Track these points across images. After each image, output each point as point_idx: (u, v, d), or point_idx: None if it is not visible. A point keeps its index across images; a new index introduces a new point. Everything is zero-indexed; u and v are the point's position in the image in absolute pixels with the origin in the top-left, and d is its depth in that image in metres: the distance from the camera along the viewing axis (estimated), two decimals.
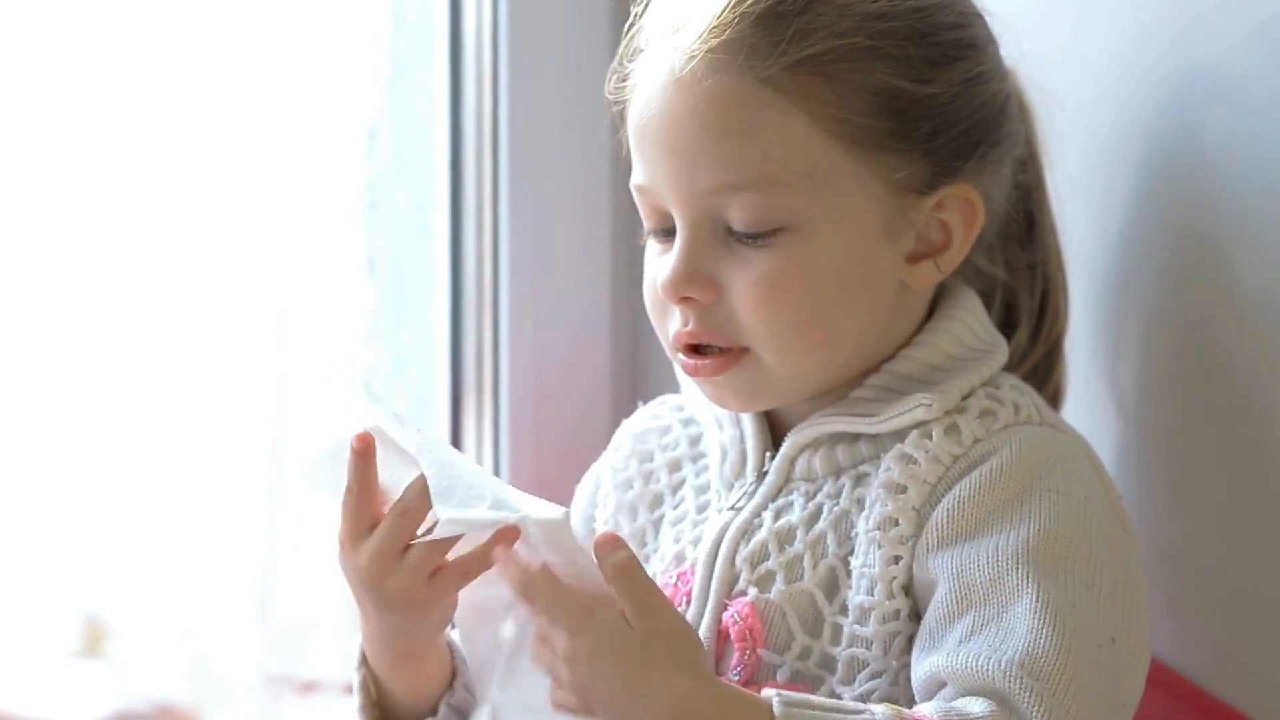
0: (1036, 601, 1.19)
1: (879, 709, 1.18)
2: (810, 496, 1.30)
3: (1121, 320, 1.46)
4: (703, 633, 1.30)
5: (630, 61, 1.33)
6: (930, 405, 1.27)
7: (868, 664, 1.25)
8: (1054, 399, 1.39)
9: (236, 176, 2.00)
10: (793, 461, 1.32)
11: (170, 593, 2.03)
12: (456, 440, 1.88)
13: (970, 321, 1.32)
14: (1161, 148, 1.40)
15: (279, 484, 2.02)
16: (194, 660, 2.04)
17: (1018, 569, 1.21)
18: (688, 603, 1.31)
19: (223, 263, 2.01)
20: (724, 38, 1.25)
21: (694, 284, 1.28)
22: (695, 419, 1.40)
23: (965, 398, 1.29)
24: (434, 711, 1.35)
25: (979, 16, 1.32)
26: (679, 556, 1.34)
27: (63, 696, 2.02)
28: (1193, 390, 1.39)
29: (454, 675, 1.36)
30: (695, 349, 1.30)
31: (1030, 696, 1.17)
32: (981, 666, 1.18)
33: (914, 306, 1.33)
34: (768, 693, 1.18)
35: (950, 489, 1.25)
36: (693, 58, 1.26)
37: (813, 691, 1.26)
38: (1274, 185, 1.30)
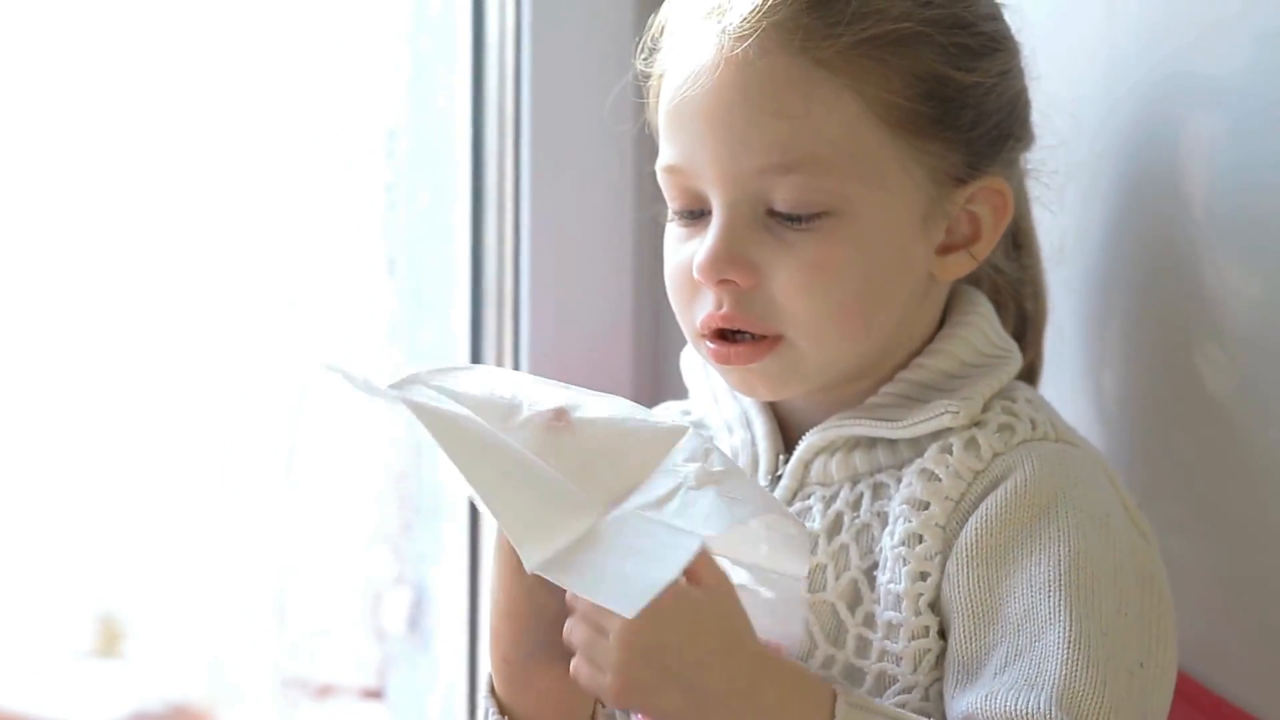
0: (1069, 631, 1.18)
1: None
2: (828, 502, 1.29)
3: (1105, 324, 1.46)
4: None
5: (661, 41, 1.32)
6: (957, 413, 1.26)
7: (897, 680, 1.24)
8: None
9: (256, 176, 1.99)
10: (808, 465, 1.30)
11: (187, 593, 2.02)
12: None
13: (984, 327, 1.32)
14: (1143, 150, 1.41)
15: (297, 485, 2.01)
16: (210, 662, 2.03)
17: (1049, 597, 1.20)
18: None
19: (242, 263, 2.00)
20: (777, 18, 1.25)
21: (735, 266, 1.26)
22: (704, 423, 1.38)
23: (985, 408, 1.28)
24: None
25: (1003, 12, 1.33)
26: None
27: (77, 696, 2.01)
28: (1173, 389, 1.39)
29: None
30: (723, 335, 1.28)
31: None
32: (1020, 708, 1.16)
33: (932, 304, 1.32)
34: (835, 686, 1.16)
35: (975, 507, 1.24)
36: (744, 38, 1.25)
37: None
38: (1254, 187, 1.31)
